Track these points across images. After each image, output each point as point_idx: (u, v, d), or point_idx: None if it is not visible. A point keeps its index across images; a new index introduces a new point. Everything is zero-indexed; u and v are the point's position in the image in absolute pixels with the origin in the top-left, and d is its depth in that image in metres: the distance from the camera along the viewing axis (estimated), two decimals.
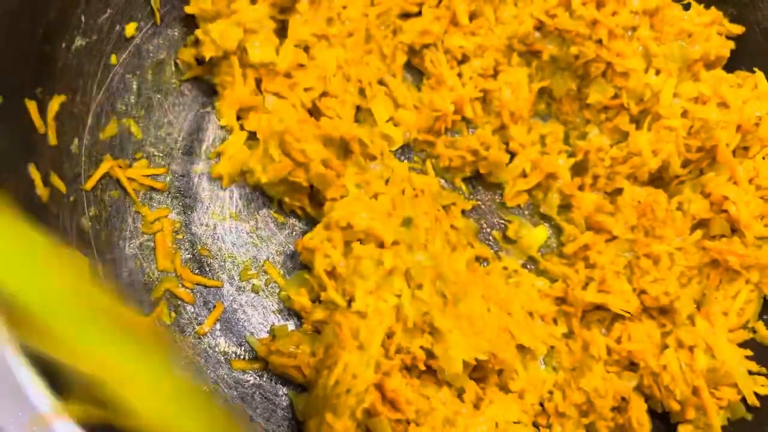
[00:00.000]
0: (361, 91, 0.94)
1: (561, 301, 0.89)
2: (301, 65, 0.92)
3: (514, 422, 0.80)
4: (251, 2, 0.90)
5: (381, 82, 0.95)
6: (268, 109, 0.90)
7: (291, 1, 0.91)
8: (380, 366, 0.75)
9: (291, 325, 0.87)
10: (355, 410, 0.73)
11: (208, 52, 0.89)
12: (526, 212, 0.97)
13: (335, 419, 0.73)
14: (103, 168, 0.83)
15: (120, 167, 0.85)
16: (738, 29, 0.94)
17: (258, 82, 0.92)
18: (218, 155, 0.91)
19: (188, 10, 0.89)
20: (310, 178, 0.88)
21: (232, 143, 0.91)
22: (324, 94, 0.92)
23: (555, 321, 0.88)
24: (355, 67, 0.93)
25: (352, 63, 0.93)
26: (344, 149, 0.90)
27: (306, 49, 0.93)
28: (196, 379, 0.81)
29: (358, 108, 0.94)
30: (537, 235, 0.95)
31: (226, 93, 0.92)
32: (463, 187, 0.97)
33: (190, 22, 0.91)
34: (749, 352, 0.84)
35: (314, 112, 0.92)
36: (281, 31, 0.92)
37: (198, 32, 0.90)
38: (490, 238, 0.96)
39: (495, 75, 0.96)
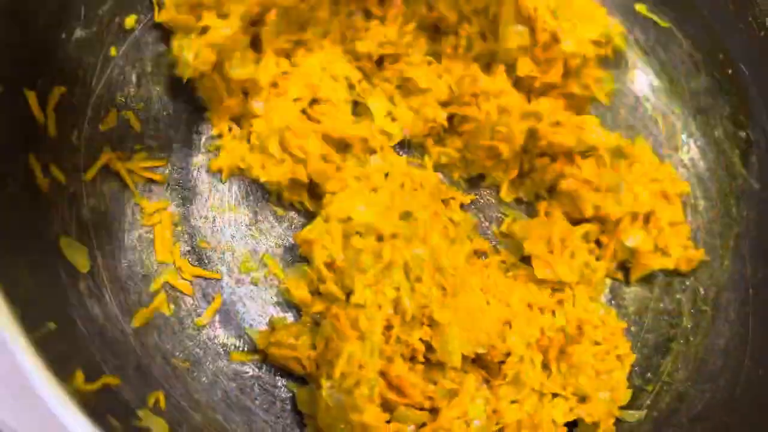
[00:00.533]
0: (352, 87, 0.93)
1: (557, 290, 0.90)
2: (285, 73, 0.90)
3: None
4: (220, 16, 0.87)
5: (369, 81, 0.95)
6: (259, 113, 0.89)
7: (260, 14, 0.89)
8: (383, 353, 0.76)
9: (290, 318, 0.87)
10: (373, 397, 0.74)
11: (184, 73, 0.87)
12: (524, 206, 0.98)
13: (361, 415, 0.73)
14: (103, 160, 0.83)
15: (119, 159, 0.85)
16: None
17: (245, 91, 0.91)
18: (217, 149, 0.91)
19: (158, 19, 0.88)
20: (310, 173, 0.88)
21: (230, 137, 0.91)
22: (314, 101, 0.90)
23: (554, 313, 0.88)
24: (339, 64, 0.92)
25: (335, 62, 0.92)
26: (343, 144, 0.91)
27: (287, 56, 0.91)
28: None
29: (355, 102, 0.94)
30: None
31: (214, 106, 0.91)
32: (462, 181, 0.97)
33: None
34: None
35: (310, 117, 0.91)
36: (255, 43, 0.91)
37: (174, 46, 0.87)
38: (489, 232, 0.96)
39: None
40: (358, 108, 0.94)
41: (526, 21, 0.92)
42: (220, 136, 0.92)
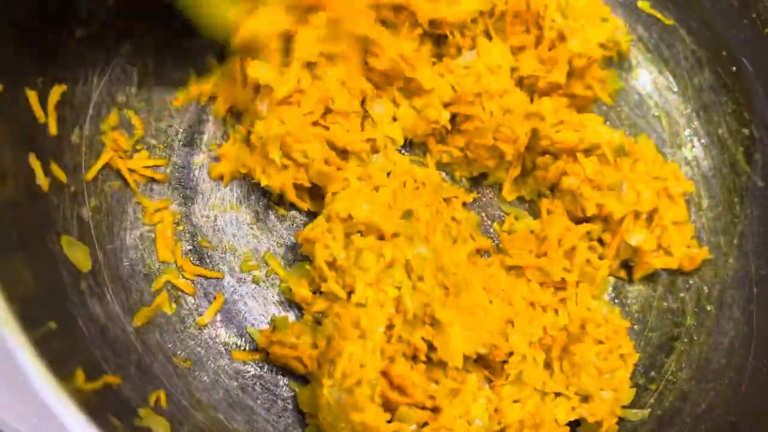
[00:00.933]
0: (364, 101, 0.92)
1: (560, 289, 0.90)
2: (301, 91, 0.88)
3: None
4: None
5: (378, 87, 0.94)
6: (261, 116, 0.88)
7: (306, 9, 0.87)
8: (384, 352, 0.75)
9: (292, 317, 0.87)
10: (374, 397, 0.73)
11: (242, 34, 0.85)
12: (527, 204, 0.97)
13: (362, 414, 0.73)
14: (104, 159, 0.83)
15: (121, 158, 0.85)
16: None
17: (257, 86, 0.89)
18: (217, 158, 0.91)
19: None
20: (311, 177, 0.87)
21: (231, 145, 0.91)
22: (328, 111, 0.89)
23: (557, 311, 0.88)
24: (358, 81, 0.91)
25: (354, 77, 0.90)
26: (346, 150, 0.90)
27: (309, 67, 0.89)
28: None
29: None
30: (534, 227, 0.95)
31: (224, 84, 0.90)
32: (465, 179, 0.97)
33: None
34: None
35: (318, 123, 0.89)
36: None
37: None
38: (491, 230, 0.96)
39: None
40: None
41: (534, 18, 0.92)
42: (218, 144, 0.91)
